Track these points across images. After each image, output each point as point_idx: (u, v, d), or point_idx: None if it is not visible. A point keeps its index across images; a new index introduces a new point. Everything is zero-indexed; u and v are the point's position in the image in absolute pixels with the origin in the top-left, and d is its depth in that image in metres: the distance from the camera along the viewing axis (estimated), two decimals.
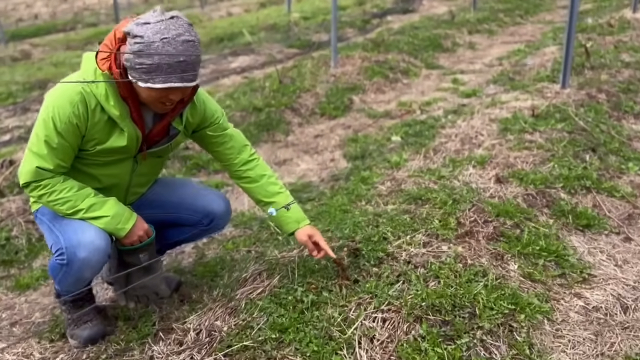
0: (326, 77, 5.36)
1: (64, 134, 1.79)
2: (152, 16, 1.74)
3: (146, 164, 2.08)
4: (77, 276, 1.92)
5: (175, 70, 1.70)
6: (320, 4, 11.26)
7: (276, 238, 2.71)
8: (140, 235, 2.01)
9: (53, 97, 1.81)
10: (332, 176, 3.50)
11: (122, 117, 1.85)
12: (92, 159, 1.93)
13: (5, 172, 3.30)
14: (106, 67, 1.80)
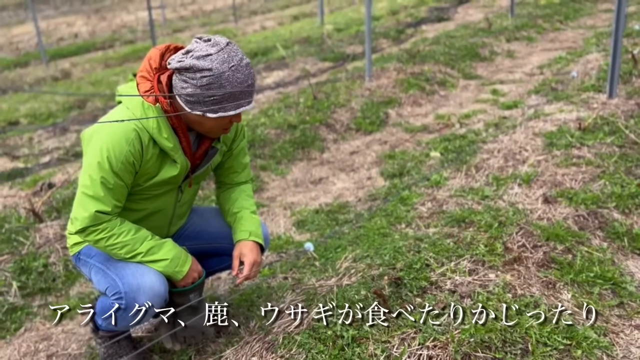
0: (361, 91, 5.27)
1: (121, 173, 1.74)
2: (208, 46, 1.69)
3: (188, 191, 2.03)
4: (132, 320, 1.87)
5: (245, 95, 1.71)
6: (353, 15, 11.21)
7: (313, 264, 2.63)
8: (194, 277, 1.97)
9: (105, 136, 1.72)
10: (369, 196, 3.40)
11: (176, 149, 1.81)
12: (140, 194, 1.89)
13: (43, 196, 3.32)
14: (152, 100, 1.74)
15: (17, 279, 2.69)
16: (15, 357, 2.28)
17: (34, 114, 5.81)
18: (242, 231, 2.07)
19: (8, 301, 2.58)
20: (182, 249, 1.97)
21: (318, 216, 3.22)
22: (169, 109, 1.76)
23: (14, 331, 2.43)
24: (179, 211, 2.08)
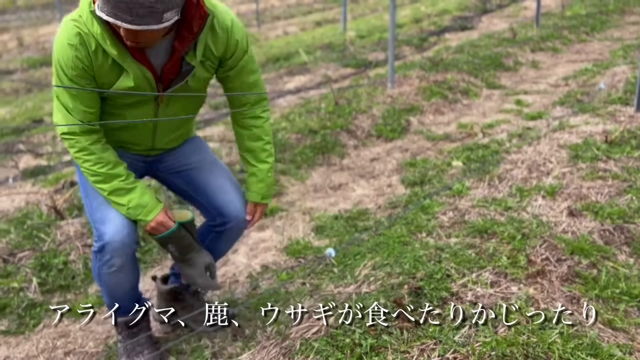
0: (383, 98, 5.25)
1: (76, 80, 1.72)
2: None
3: (171, 106, 1.93)
4: (109, 265, 1.91)
5: (119, 6, 1.51)
6: (375, 22, 11.19)
7: (331, 270, 2.61)
8: (160, 230, 1.91)
9: (55, 45, 1.73)
10: (389, 203, 3.37)
11: (122, 57, 1.71)
12: (114, 101, 1.85)
13: (65, 194, 3.35)
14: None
15: (37, 275, 2.71)
16: (34, 353, 2.29)
17: None
18: (254, 193, 2.11)
19: (28, 297, 2.60)
20: (153, 197, 1.91)
21: (337, 222, 3.19)
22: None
23: (32, 327, 2.45)
24: (162, 126, 1.98)
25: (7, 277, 2.69)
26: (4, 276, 2.69)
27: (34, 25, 14.65)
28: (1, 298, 2.57)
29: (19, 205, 3.45)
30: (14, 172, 4.30)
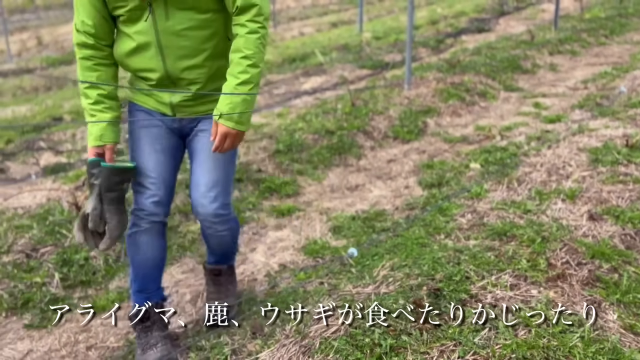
0: (399, 100, 5.25)
1: None
2: None
3: (171, 19, 1.88)
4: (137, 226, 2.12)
5: None
6: (392, 23, 11.18)
7: (349, 270, 2.61)
8: (91, 155, 2.00)
9: None
10: (406, 205, 3.37)
11: None
12: (118, 17, 1.94)
13: (85, 191, 3.39)
14: None
15: (59, 271, 2.75)
16: (56, 347, 2.32)
17: (77, 111, 5.94)
18: (216, 109, 1.89)
19: (50, 292, 2.64)
20: (107, 129, 1.99)
21: (354, 223, 3.20)
22: None
23: (55, 321, 2.48)
24: (166, 40, 1.90)
25: (30, 271, 2.73)
26: (27, 271, 2.73)
27: (52, 25, 14.83)
28: (24, 292, 2.61)
29: (41, 202, 3.50)
30: (35, 168, 4.36)
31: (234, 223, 2.27)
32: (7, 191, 4.04)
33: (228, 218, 2.17)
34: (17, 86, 7.60)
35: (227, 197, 2.14)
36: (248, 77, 1.86)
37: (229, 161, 2.13)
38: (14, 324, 2.48)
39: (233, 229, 2.28)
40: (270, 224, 3.35)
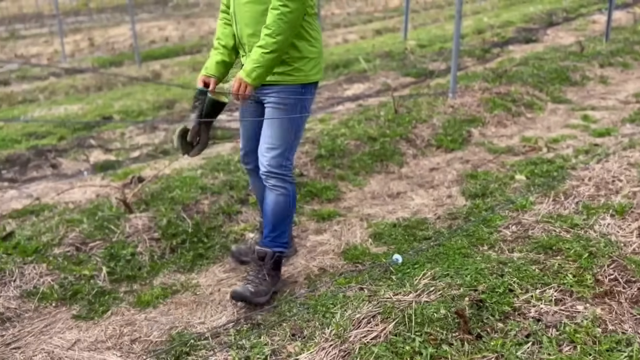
0: (443, 108, 5.21)
1: None
2: None
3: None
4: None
5: None
6: (437, 31, 11.11)
7: (390, 278, 2.61)
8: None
9: None
10: (449, 214, 3.34)
11: None
12: None
13: (134, 189, 3.49)
14: None
15: (106, 265, 2.83)
16: (102, 338, 2.40)
17: (126, 111, 6.13)
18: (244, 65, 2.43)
19: (97, 285, 2.73)
20: (214, 65, 2.55)
21: (395, 230, 3.19)
22: None
23: (101, 314, 2.56)
24: (237, 11, 2.44)
25: (79, 264, 2.83)
26: (77, 263, 2.83)
27: (104, 27, 15.32)
28: (73, 284, 2.71)
29: (90, 197, 3.62)
30: (85, 165, 4.51)
31: (289, 186, 2.60)
32: (58, 186, 4.20)
33: (282, 177, 2.56)
34: (69, 85, 7.89)
35: (281, 159, 2.53)
36: (263, 43, 2.32)
37: (287, 130, 2.52)
38: (63, 314, 2.57)
39: (287, 193, 2.59)
40: (310, 227, 3.38)
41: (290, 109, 2.51)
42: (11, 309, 2.56)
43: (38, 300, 2.62)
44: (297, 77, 2.48)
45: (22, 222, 3.32)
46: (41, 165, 4.55)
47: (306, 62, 2.47)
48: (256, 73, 2.35)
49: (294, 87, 2.49)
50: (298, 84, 2.49)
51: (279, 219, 2.63)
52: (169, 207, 3.33)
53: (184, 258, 3.00)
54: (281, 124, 2.50)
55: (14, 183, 4.26)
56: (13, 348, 2.36)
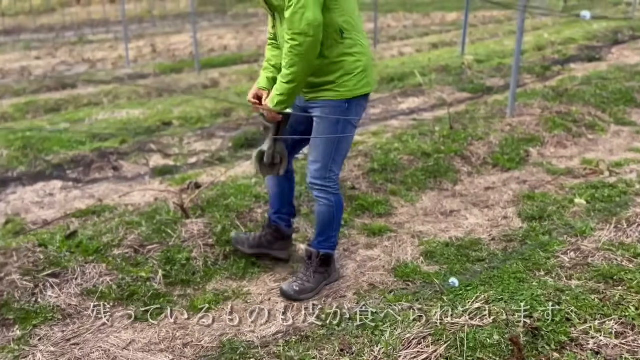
0: (501, 126, 5.11)
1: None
2: None
3: (280, 22, 2.51)
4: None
5: None
6: (495, 47, 10.92)
7: (441, 299, 2.57)
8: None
9: None
10: (504, 236, 3.27)
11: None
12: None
13: (191, 195, 3.58)
14: None
15: (162, 268, 2.92)
16: (156, 340, 2.47)
17: (185, 117, 6.30)
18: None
19: (153, 287, 2.81)
20: (264, 80, 2.70)
21: (448, 249, 3.15)
22: None
23: (155, 316, 2.63)
24: (281, 40, 2.53)
25: (137, 266, 2.92)
26: (134, 265, 2.92)
27: (166, 34, 15.84)
28: (130, 285, 2.80)
29: (149, 201, 3.74)
30: (145, 169, 4.67)
31: (333, 198, 2.71)
32: (119, 188, 4.37)
33: (325, 189, 2.68)
34: (132, 90, 8.18)
35: (324, 172, 2.65)
36: (282, 73, 2.44)
37: (328, 144, 2.61)
38: (119, 314, 2.66)
39: (330, 204, 2.71)
40: (361, 242, 3.37)
41: (332, 125, 2.57)
42: (72, 306, 2.67)
43: (97, 299, 2.72)
44: (340, 92, 2.53)
45: (84, 221, 3.46)
46: (103, 167, 4.73)
47: (350, 78, 2.51)
48: (277, 99, 2.49)
49: (337, 103, 2.54)
50: (342, 99, 2.53)
51: (325, 225, 2.80)
52: (223, 214, 3.40)
53: (236, 265, 3.05)
54: (323, 139, 2.60)
55: (78, 183, 4.45)
56: (72, 344, 2.46)
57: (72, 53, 12.45)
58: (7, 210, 4.01)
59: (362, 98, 2.60)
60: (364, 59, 2.53)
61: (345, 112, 2.56)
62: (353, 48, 2.50)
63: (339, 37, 2.45)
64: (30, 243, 2.98)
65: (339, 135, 2.58)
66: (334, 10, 2.41)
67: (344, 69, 2.49)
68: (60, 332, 2.53)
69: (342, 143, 2.63)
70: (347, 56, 2.49)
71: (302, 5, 2.29)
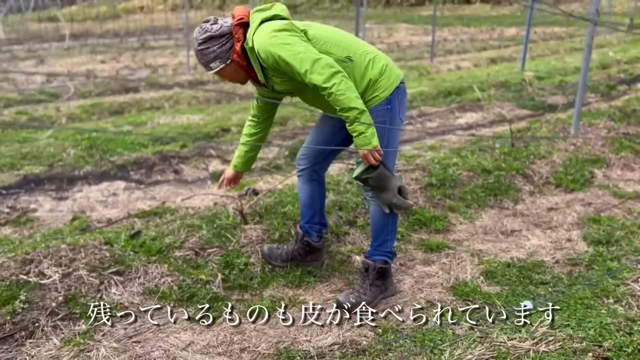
0: (564, 145, 4.96)
1: None
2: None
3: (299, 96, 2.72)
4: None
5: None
6: (556, 63, 10.65)
7: (503, 320, 2.50)
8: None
9: None
10: (569, 259, 3.15)
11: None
12: None
13: (249, 201, 3.63)
14: None
15: (221, 272, 2.96)
16: (214, 343, 2.50)
17: (242, 124, 6.37)
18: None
19: (212, 290, 2.85)
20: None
21: (509, 270, 3.06)
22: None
23: (214, 319, 2.67)
24: (314, 102, 2.70)
25: (197, 268, 2.97)
26: (195, 267, 2.98)
27: None
28: (190, 287, 2.85)
29: (208, 205, 3.81)
30: (204, 173, 4.76)
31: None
32: (179, 191, 4.47)
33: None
34: (192, 96, 8.39)
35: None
36: (348, 119, 2.41)
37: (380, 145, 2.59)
38: (179, 315, 2.70)
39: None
40: (418, 257, 3.33)
41: (380, 126, 2.59)
42: (134, 304, 2.74)
43: (158, 299, 2.78)
44: (379, 96, 2.57)
45: (147, 222, 3.55)
46: (165, 170, 4.86)
47: (381, 80, 2.57)
48: (370, 135, 2.40)
49: (380, 106, 2.58)
50: (383, 101, 2.58)
51: (379, 228, 2.80)
52: (281, 221, 3.42)
53: (292, 274, 3.06)
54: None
55: (140, 184, 4.58)
56: (134, 341, 2.52)
57: (134, 58, 12.90)
58: (73, 208, 4.18)
59: (398, 89, 2.63)
60: (380, 58, 2.59)
61: (391, 111, 2.60)
62: (365, 58, 2.55)
63: (349, 62, 2.51)
64: (96, 240, 3.08)
65: (389, 127, 2.61)
66: (327, 50, 2.48)
67: (372, 78, 2.55)
68: (123, 329, 2.60)
69: (391, 141, 2.64)
70: (367, 68, 2.54)
71: (313, 59, 2.35)
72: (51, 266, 2.83)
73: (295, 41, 2.40)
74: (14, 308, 2.57)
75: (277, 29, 2.41)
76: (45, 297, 2.66)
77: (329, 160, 2.98)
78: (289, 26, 2.44)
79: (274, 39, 2.38)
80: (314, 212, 3.03)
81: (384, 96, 2.58)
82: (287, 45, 2.37)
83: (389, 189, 2.54)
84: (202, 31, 2.46)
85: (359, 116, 2.36)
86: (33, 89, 9.02)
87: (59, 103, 8.14)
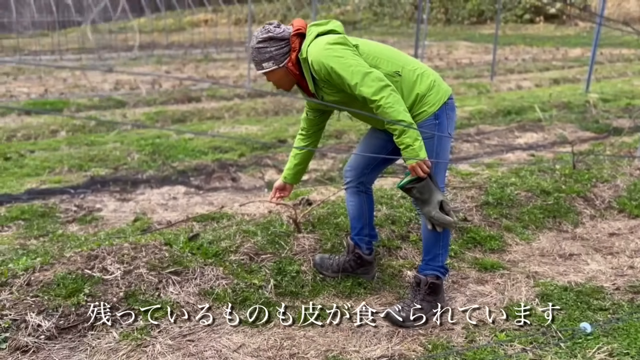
0: (629, 170, 4.78)
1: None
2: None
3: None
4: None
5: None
6: (623, 86, 10.29)
7: (558, 344, 2.43)
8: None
9: None
10: (630, 287, 3.03)
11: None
12: None
13: (303, 210, 3.68)
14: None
15: (274, 278, 3.01)
16: (264, 347, 2.55)
17: None
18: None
19: (264, 295, 2.91)
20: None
21: (566, 294, 2.97)
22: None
23: (265, 323, 2.72)
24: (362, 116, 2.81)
25: (251, 273, 3.04)
26: (249, 272, 3.05)
27: None
28: (244, 290, 2.92)
29: (264, 212, 3.89)
30: (260, 182, 4.87)
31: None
32: (235, 197, 4.59)
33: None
34: (251, 107, 8.60)
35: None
36: (395, 132, 2.46)
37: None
38: (231, 317, 2.77)
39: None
40: (471, 275, 3.28)
41: (428, 141, 2.59)
42: (190, 304, 2.83)
43: (212, 300, 2.86)
44: (427, 111, 2.60)
45: (204, 226, 3.67)
46: (223, 177, 5.00)
47: (429, 95, 2.60)
48: (418, 148, 2.44)
49: (428, 120, 2.60)
50: (431, 115, 2.60)
51: (430, 242, 2.80)
52: (333, 232, 3.46)
53: (343, 284, 3.08)
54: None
55: (199, 190, 4.73)
56: (188, 340, 2.60)
57: (197, 69, 13.34)
58: (136, 209, 4.36)
59: (446, 105, 2.65)
60: (428, 74, 2.63)
61: (439, 125, 2.62)
62: (414, 73, 2.60)
63: (398, 76, 2.56)
64: (157, 241, 3.21)
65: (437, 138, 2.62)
66: (377, 65, 2.54)
67: (420, 93, 2.58)
68: (178, 327, 2.69)
69: (440, 155, 2.66)
70: (415, 83, 2.58)
71: (364, 72, 2.42)
72: (114, 263, 2.97)
73: (348, 54, 2.47)
74: (78, 300, 2.70)
75: (332, 42, 2.49)
76: (107, 292, 2.79)
77: (375, 173, 3.01)
78: (343, 40, 2.52)
79: (328, 51, 2.47)
80: (362, 225, 3.05)
81: (432, 111, 2.61)
82: (340, 58, 2.45)
83: (430, 202, 2.55)
84: (265, 31, 2.57)
85: (406, 129, 2.41)
86: (102, 95, 9.48)
87: (125, 110, 8.52)
